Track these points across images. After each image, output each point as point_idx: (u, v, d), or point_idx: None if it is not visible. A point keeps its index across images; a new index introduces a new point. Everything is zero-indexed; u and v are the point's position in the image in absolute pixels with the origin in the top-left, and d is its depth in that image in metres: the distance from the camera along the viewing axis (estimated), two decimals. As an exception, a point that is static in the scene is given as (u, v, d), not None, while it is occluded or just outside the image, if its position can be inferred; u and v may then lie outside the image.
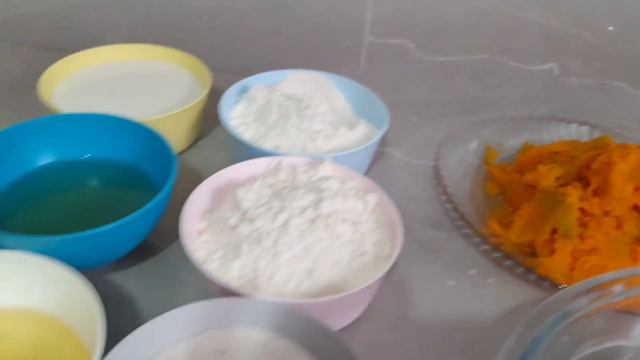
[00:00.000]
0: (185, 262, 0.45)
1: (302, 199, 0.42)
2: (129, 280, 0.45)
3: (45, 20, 0.78)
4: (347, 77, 0.62)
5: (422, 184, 0.59)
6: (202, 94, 0.57)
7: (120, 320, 0.36)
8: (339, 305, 0.39)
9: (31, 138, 0.47)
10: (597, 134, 0.63)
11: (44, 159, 0.49)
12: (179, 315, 0.33)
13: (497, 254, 0.50)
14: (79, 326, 0.36)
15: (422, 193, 0.57)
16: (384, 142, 0.62)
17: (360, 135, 0.54)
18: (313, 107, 0.55)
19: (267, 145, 0.52)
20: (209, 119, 0.60)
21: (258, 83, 0.59)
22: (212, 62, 0.63)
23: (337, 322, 0.41)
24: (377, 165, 0.59)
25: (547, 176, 0.51)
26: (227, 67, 0.62)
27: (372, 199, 0.45)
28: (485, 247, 0.51)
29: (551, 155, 0.56)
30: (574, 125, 0.64)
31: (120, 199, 0.48)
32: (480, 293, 0.47)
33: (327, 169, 0.47)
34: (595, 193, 0.49)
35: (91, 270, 0.41)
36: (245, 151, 0.51)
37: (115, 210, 0.43)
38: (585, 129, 0.64)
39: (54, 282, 0.37)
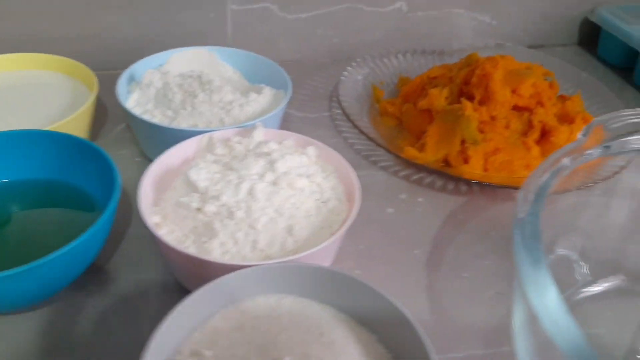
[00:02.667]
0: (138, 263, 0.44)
1: (255, 165, 0.43)
2: (91, 297, 0.42)
3: None
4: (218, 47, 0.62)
5: (326, 133, 0.62)
6: (89, 94, 0.53)
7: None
8: (330, 250, 0.41)
9: None
10: (447, 59, 0.72)
11: None
12: (188, 305, 0.32)
13: (417, 176, 0.56)
14: None
15: (331, 141, 0.60)
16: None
17: (268, 98, 0.55)
18: (214, 80, 0.54)
19: (182, 126, 0.51)
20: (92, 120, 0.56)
21: (145, 69, 0.57)
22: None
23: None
24: (282, 125, 0.61)
25: (439, 98, 0.58)
26: (93, 63, 0.58)
27: (313, 151, 0.47)
28: (405, 172, 0.56)
29: (431, 81, 0.63)
30: (428, 54, 0.72)
31: (62, 219, 0.43)
32: (416, 212, 0.52)
33: (260, 134, 0.48)
34: (481, 103, 0.57)
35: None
36: (163, 138, 0.49)
37: (56, 235, 0.39)
38: (437, 55, 0.72)
39: None
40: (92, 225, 0.36)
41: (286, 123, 0.62)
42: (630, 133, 0.43)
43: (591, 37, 0.82)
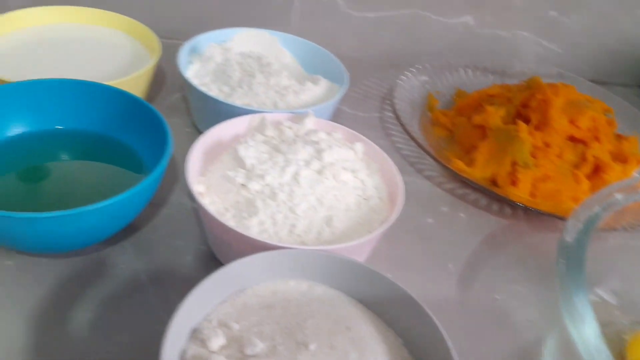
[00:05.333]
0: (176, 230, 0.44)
1: (302, 151, 0.43)
2: (125, 254, 0.42)
3: None
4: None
5: (374, 133, 0.61)
6: (150, 57, 0.54)
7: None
8: (365, 247, 0.41)
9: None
10: (507, 79, 0.71)
11: (14, 129, 0.43)
12: (223, 274, 0.32)
13: (461, 190, 0.55)
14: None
15: (378, 142, 0.59)
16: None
17: (323, 90, 0.55)
18: (273, 64, 0.54)
19: (237, 103, 0.51)
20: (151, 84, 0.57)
21: (208, 42, 0.57)
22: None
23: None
24: (332, 119, 0.61)
25: (495, 116, 0.57)
26: (155, 29, 0.59)
27: (360, 147, 0.47)
28: (449, 185, 0.55)
29: (489, 98, 0.62)
30: (489, 72, 0.71)
31: (108, 175, 0.44)
32: (456, 227, 0.51)
33: (311, 122, 0.48)
34: (537, 128, 0.56)
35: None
36: (216, 112, 0.49)
37: (103, 187, 0.40)
38: (497, 75, 0.71)
39: None
40: (137, 184, 0.36)
41: (336, 118, 0.62)
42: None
43: (656, 80, 0.80)
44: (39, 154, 0.43)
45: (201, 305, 0.31)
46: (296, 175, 0.41)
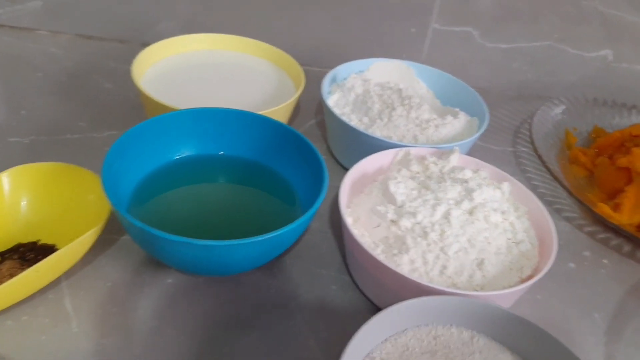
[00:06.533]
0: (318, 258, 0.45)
1: (452, 190, 0.42)
2: (274, 279, 0.44)
3: (85, 8, 0.74)
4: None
5: (507, 169, 0.59)
6: (295, 86, 0.56)
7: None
8: (517, 294, 0.40)
9: (173, 130, 0.45)
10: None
11: (183, 152, 0.47)
12: (384, 317, 0.33)
13: (603, 235, 0.52)
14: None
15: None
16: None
17: (463, 123, 0.55)
18: (413, 97, 0.55)
19: (377, 135, 0.52)
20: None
21: (347, 72, 0.59)
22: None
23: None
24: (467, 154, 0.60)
25: (643, 159, 0.54)
26: (295, 57, 0.61)
27: (507, 187, 0.46)
28: (590, 228, 0.53)
29: (633, 138, 0.59)
30: (634, 110, 0.67)
31: (265, 203, 0.45)
32: (600, 273, 0.49)
33: (456, 158, 0.47)
34: (689, 174, 0.52)
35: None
36: (355, 142, 0.50)
37: (261, 216, 0.42)
38: (637, 111, 0.67)
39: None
40: (297, 218, 0.37)
41: (470, 151, 0.61)
42: None
43: None
44: (203, 176, 0.46)
45: (365, 343, 0.32)
46: (447, 215, 0.41)
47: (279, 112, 0.51)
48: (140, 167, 0.44)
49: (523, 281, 0.39)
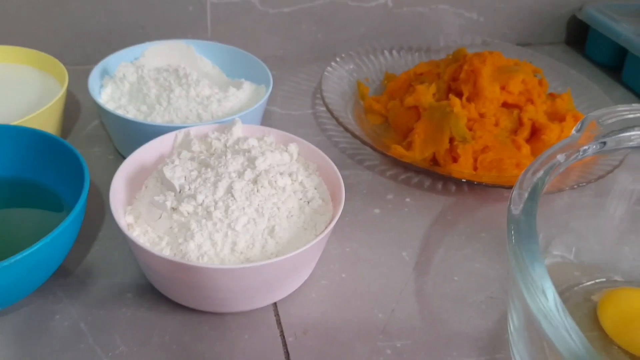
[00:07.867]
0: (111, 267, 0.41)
1: (234, 162, 0.40)
2: (58, 304, 0.39)
3: None
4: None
5: (309, 131, 0.60)
6: (60, 89, 0.50)
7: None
8: (314, 252, 0.39)
9: None
10: (433, 55, 0.70)
11: None
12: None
13: (404, 175, 0.54)
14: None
15: (315, 139, 0.58)
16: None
17: (248, 94, 0.53)
18: (191, 74, 0.52)
19: (158, 122, 0.48)
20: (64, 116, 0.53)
21: (118, 62, 0.54)
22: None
23: (305, 274, 0.41)
24: (263, 123, 0.59)
25: (426, 94, 0.56)
26: (60, 56, 0.55)
27: (294, 148, 0.45)
28: (391, 171, 0.54)
29: (417, 77, 0.61)
30: (414, 50, 0.70)
31: (29, 220, 0.40)
32: (404, 212, 0.50)
33: (239, 130, 0.45)
34: (469, 99, 0.55)
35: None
36: (137, 134, 0.46)
37: (22, 237, 0.36)
38: (423, 52, 0.70)
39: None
40: (58, 225, 0.33)
41: (267, 120, 0.60)
42: (625, 129, 0.41)
43: (579, 35, 0.81)
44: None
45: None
46: (230, 189, 0.38)
47: (41, 118, 0.46)
48: None
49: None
